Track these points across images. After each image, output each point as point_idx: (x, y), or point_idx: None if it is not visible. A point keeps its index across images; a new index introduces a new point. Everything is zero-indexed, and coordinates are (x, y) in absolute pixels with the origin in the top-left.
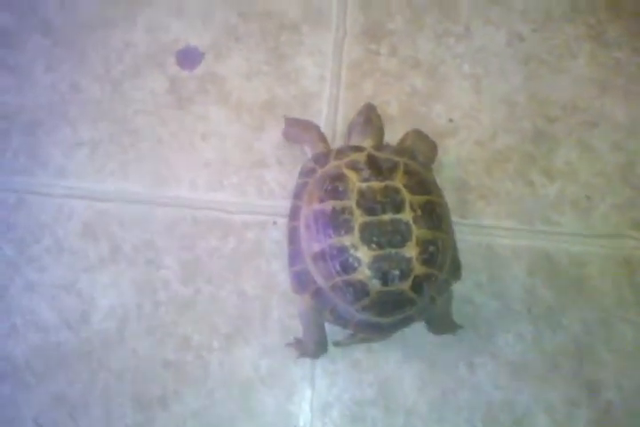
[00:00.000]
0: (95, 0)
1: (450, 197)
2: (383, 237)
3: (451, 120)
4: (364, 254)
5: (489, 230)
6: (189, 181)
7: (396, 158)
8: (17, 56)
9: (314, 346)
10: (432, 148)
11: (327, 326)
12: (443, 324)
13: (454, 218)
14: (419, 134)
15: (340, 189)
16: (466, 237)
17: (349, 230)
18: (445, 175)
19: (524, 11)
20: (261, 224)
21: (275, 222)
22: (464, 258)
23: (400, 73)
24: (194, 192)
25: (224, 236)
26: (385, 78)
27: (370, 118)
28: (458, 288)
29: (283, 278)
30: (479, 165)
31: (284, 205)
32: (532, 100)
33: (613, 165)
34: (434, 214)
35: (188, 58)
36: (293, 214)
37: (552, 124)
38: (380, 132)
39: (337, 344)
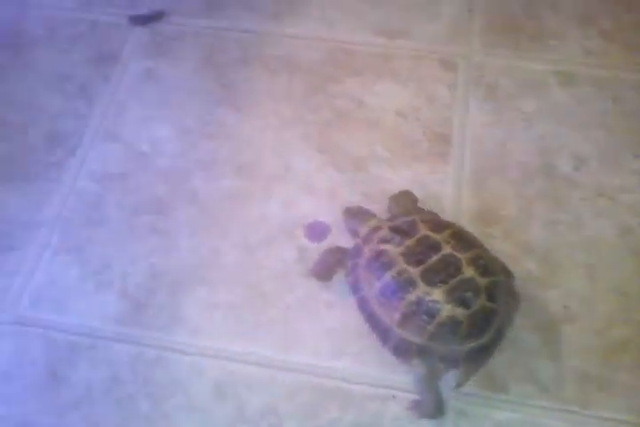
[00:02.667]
0: (235, 178)
1: (570, 386)
2: (441, 273)
3: (566, 307)
4: (437, 295)
5: (611, 424)
6: (313, 348)
7: (410, 218)
8: (166, 221)
9: (433, 406)
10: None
11: None
12: None
13: (574, 408)
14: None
15: (386, 260)
16: None
17: (414, 284)
18: (564, 364)
19: (632, 204)
20: (381, 397)
21: (394, 396)
22: None
23: (514, 256)
24: (316, 359)
25: (344, 406)
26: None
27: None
28: None
29: None
30: (597, 354)
31: (405, 379)
32: None
33: None
34: (463, 238)
35: (316, 231)
36: (364, 304)
37: None
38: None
39: (459, 386)
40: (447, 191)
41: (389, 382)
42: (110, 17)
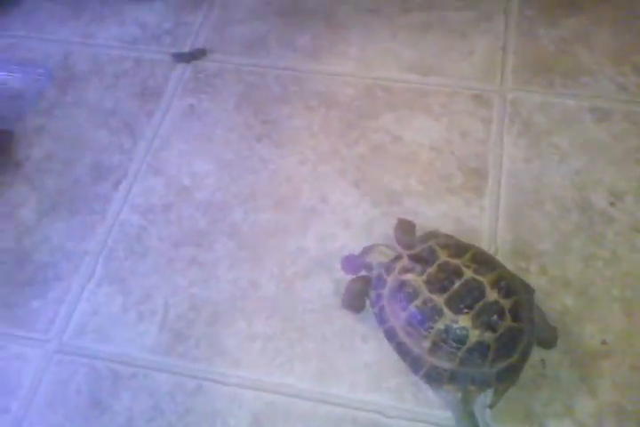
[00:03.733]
0: (273, 211)
1: (608, 422)
2: (466, 299)
3: (604, 342)
4: (464, 321)
5: None
6: (349, 381)
7: (426, 244)
8: (205, 254)
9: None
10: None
11: None
12: (550, 334)
13: None
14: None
15: (410, 290)
16: None
17: (440, 313)
18: (602, 400)
19: None
20: None
21: None
22: None
23: (550, 291)
24: (353, 393)
25: None
26: (537, 294)
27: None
28: None
29: None
30: (636, 390)
31: (442, 415)
32: None
33: None
34: (483, 260)
35: (352, 264)
36: (391, 334)
37: None
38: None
39: (491, 406)
40: (483, 225)
41: (426, 417)
42: (154, 54)
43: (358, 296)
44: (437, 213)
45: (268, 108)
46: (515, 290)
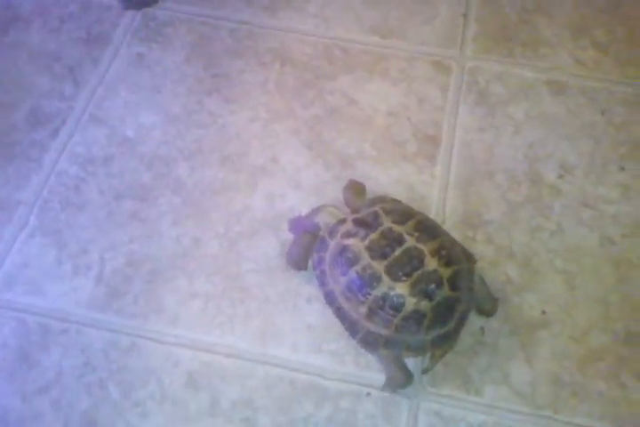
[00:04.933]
0: (220, 168)
1: (543, 391)
2: (405, 267)
3: (544, 312)
4: (401, 289)
5: None
6: (291, 343)
7: (373, 209)
8: (148, 209)
9: (402, 376)
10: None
11: None
12: (489, 303)
13: (547, 412)
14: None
15: (351, 256)
16: None
17: (379, 280)
18: (540, 368)
19: (615, 215)
20: (356, 394)
21: (368, 394)
22: None
23: (495, 261)
24: (294, 354)
25: (320, 402)
26: (480, 264)
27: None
28: None
29: None
30: (573, 360)
31: (381, 378)
32: (625, 303)
33: None
34: (426, 228)
35: (300, 225)
36: (331, 298)
37: None
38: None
39: (425, 371)
40: (433, 193)
41: (365, 380)
42: None
43: (304, 252)
44: (389, 179)
45: (219, 62)
46: (455, 259)
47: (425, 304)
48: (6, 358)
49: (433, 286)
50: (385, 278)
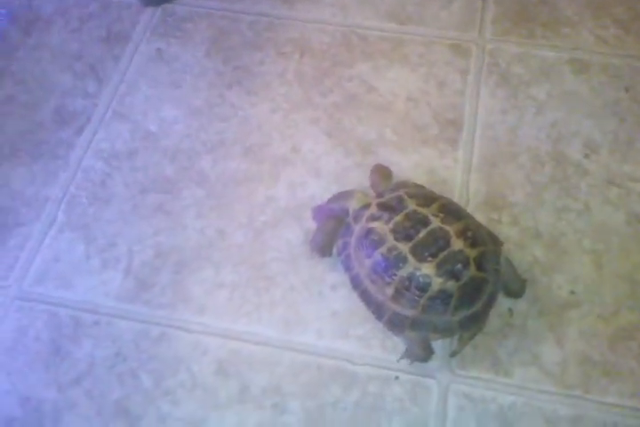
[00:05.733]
0: (243, 160)
1: (573, 371)
2: (431, 248)
3: (572, 292)
4: (427, 269)
5: (613, 409)
6: (316, 329)
7: (397, 193)
8: (172, 201)
9: (421, 349)
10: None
11: None
12: (517, 285)
13: (577, 392)
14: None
15: (376, 238)
16: (589, 413)
17: (405, 260)
18: (569, 349)
19: None
20: (384, 378)
21: (397, 377)
22: None
23: (521, 242)
24: (320, 340)
25: (347, 387)
26: (506, 246)
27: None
28: None
29: None
30: (602, 340)
31: (408, 362)
32: None
33: None
34: (451, 210)
35: (323, 213)
36: (357, 282)
37: None
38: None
39: (454, 354)
40: (456, 176)
41: (392, 364)
42: None
43: (328, 238)
44: (411, 164)
45: (239, 55)
46: (481, 241)
47: (451, 284)
48: (40, 351)
49: (459, 266)
50: (411, 259)
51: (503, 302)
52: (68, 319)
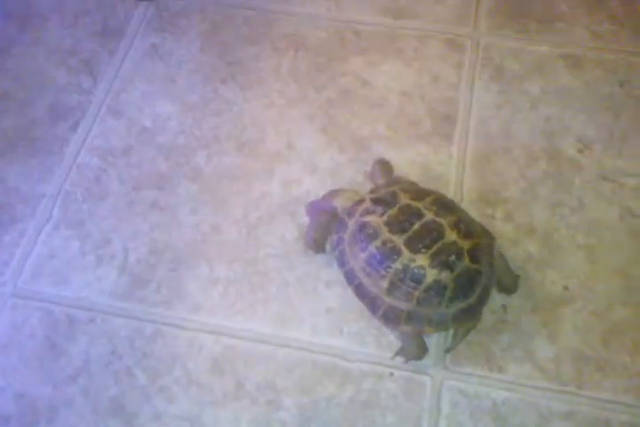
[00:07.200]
0: (237, 155)
1: (567, 367)
2: (425, 239)
3: (566, 288)
4: (422, 261)
5: (607, 405)
6: (311, 326)
7: (391, 188)
8: (167, 197)
9: (415, 347)
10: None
11: None
12: (510, 280)
13: (571, 388)
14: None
15: (370, 231)
16: (583, 408)
17: (399, 252)
18: (563, 344)
19: (635, 188)
20: (378, 375)
21: (391, 374)
22: None
23: (515, 238)
24: (314, 337)
25: (342, 383)
26: (500, 241)
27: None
28: None
29: None
30: (596, 335)
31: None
32: None
33: None
34: (444, 204)
35: (317, 209)
36: (351, 277)
37: None
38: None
39: (448, 350)
40: (450, 172)
41: (387, 361)
42: None
43: (322, 233)
44: (405, 160)
45: (234, 50)
46: (474, 233)
47: (446, 275)
48: (35, 348)
49: (453, 257)
50: (405, 251)
51: (497, 299)
52: (63, 316)
